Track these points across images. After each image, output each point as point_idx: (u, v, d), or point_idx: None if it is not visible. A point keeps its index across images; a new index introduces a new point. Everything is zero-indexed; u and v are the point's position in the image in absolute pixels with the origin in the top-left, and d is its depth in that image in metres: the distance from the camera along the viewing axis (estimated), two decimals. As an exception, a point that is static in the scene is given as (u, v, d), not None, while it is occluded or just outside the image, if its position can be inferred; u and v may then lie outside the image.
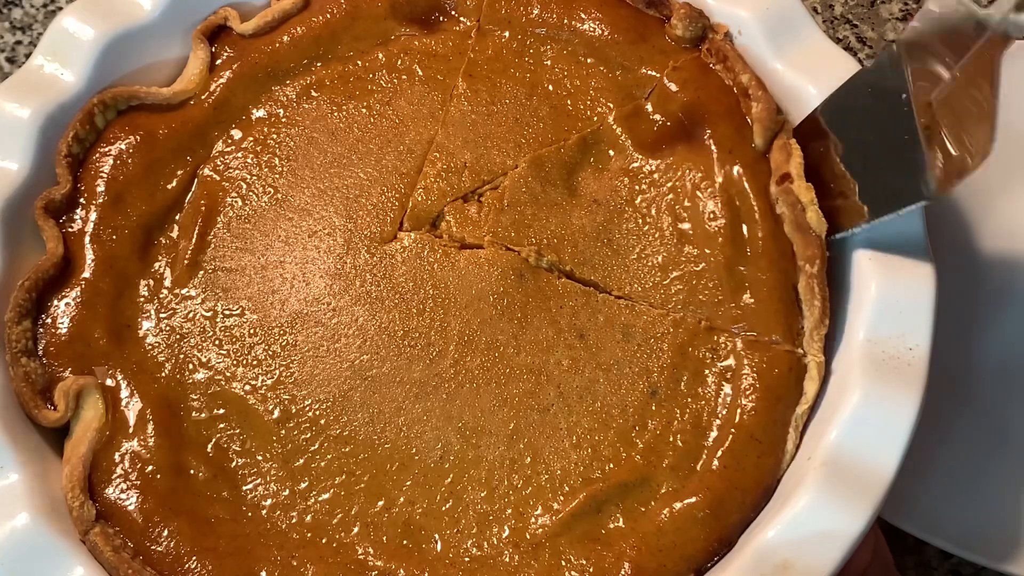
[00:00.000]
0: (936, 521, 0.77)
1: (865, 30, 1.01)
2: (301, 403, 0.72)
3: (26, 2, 1.02)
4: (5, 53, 1.00)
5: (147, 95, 0.79)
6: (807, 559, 0.63)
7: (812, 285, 0.72)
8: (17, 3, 1.02)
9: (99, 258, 0.74)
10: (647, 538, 0.66)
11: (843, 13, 1.02)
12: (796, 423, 0.70)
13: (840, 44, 0.99)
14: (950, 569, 0.84)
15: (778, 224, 0.74)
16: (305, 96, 0.82)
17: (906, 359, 0.67)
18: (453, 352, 0.73)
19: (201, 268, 0.76)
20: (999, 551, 0.77)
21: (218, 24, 0.83)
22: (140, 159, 0.77)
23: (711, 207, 0.76)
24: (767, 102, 0.76)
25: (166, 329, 0.74)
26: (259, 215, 0.78)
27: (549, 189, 0.78)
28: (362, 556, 0.67)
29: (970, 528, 0.78)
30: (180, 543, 0.66)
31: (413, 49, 0.83)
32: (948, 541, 0.77)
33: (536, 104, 0.80)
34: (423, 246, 0.76)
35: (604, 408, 0.71)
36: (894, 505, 0.75)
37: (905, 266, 0.70)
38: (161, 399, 0.71)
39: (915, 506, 0.78)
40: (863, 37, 1.01)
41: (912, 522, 0.77)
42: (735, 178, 0.76)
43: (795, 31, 0.78)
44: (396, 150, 0.80)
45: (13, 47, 1.00)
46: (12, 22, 1.01)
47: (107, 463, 0.68)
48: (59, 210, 0.75)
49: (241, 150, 0.80)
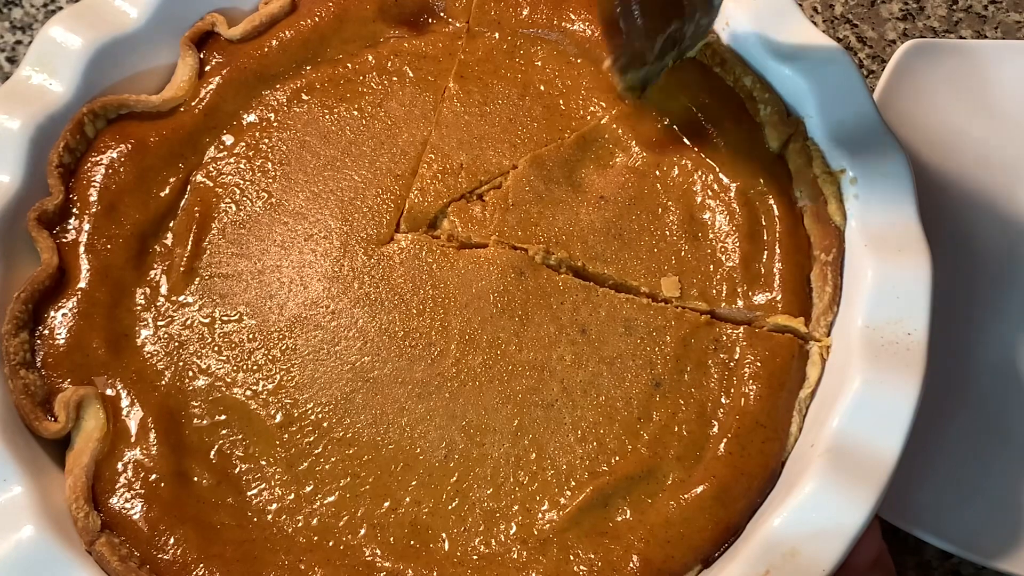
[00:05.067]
0: (936, 521, 0.77)
1: (865, 30, 1.02)
2: (303, 407, 0.72)
3: (26, 2, 1.02)
4: (5, 53, 0.99)
5: (137, 103, 0.79)
6: (814, 546, 0.63)
7: (826, 272, 0.73)
8: (17, 3, 1.02)
9: (94, 268, 0.74)
10: (655, 530, 0.67)
11: (843, 13, 1.03)
12: (800, 407, 0.71)
13: (840, 44, 1.00)
14: (950, 569, 0.84)
15: (797, 219, 0.76)
16: (296, 100, 0.82)
17: (905, 344, 0.68)
18: (455, 351, 0.73)
19: (197, 275, 0.76)
20: (998, 550, 0.77)
21: (206, 30, 0.83)
22: (132, 167, 0.77)
23: (728, 206, 0.77)
24: (776, 105, 0.77)
25: (164, 337, 0.74)
26: (254, 220, 0.78)
27: (553, 187, 0.78)
28: (370, 558, 0.67)
29: (970, 528, 0.77)
30: (187, 551, 0.66)
31: (403, 51, 0.83)
32: (948, 541, 0.77)
33: (529, 104, 0.81)
34: (421, 247, 0.76)
35: (608, 401, 0.71)
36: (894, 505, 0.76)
37: (901, 253, 0.70)
38: (162, 407, 0.71)
39: (915, 506, 0.78)
40: (863, 37, 1.02)
41: (912, 522, 0.77)
42: (752, 181, 0.77)
43: (784, 22, 0.79)
44: (389, 152, 0.80)
45: (13, 47, 1.00)
46: (12, 22, 1.01)
47: (110, 473, 0.68)
48: (52, 221, 0.74)
49: (233, 155, 0.80)
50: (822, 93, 0.77)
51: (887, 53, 1.01)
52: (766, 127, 0.78)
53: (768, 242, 0.76)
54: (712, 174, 0.78)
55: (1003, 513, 0.79)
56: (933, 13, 1.03)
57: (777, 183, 0.77)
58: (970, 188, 0.89)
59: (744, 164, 0.78)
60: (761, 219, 0.76)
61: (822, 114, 0.76)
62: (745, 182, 0.77)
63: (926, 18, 1.03)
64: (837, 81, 0.76)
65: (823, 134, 0.76)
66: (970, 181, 0.88)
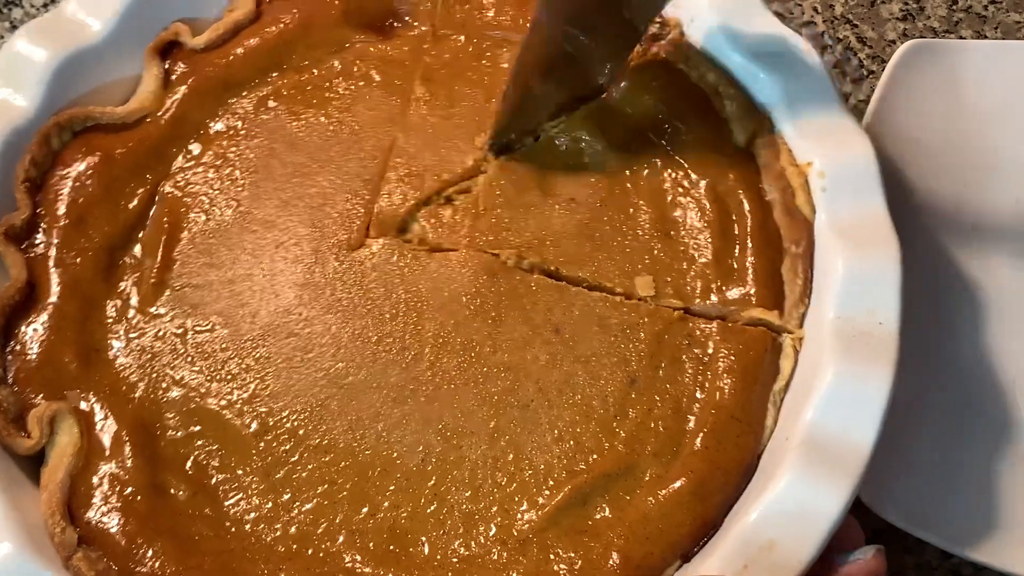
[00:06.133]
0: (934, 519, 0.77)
1: (865, 30, 1.02)
2: (278, 415, 0.71)
3: (26, 2, 1.01)
4: (5, 53, 0.99)
5: (102, 115, 0.78)
6: (792, 537, 0.63)
7: (796, 265, 0.73)
8: (17, 3, 1.01)
9: (64, 282, 0.73)
10: (633, 526, 0.67)
11: (843, 13, 1.03)
12: (774, 400, 0.71)
13: (840, 44, 1.01)
14: (950, 569, 0.84)
15: (767, 212, 0.76)
16: (262, 107, 0.81)
17: (876, 334, 0.68)
18: (429, 355, 0.73)
19: (168, 286, 0.75)
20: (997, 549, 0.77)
21: (170, 40, 0.82)
22: (99, 180, 0.76)
23: (698, 203, 0.77)
24: (741, 99, 0.78)
25: (136, 349, 0.73)
26: (223, 229, 0.77)
27: (523, 191, 0.78)
28: (349, 564, 0.67)
29: (968, 526, 0.77)
30: (165, 563, 0.65)
31: (369, 55, 0.83)
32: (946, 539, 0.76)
33: (495, 106, 0.81)
34: (392, 251, 0.76)
35: (584, 400, 0.71)
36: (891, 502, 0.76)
37: (870, 244, 0.71)
38: (136, 420, 0.70)
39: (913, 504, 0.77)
40: (863, 37, 1.02)
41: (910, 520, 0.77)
42: (721, 177, 0.77)
43: (747, 16, 0.79)
44: (357, 156, 0.80)
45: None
46: (12, 22, 1.00)
47: (85, 487, 0.67)
48: (20, 236, 0.74)
49: (201, 165, 0.79)
50: (787, 86, 0.77)
51: (887, 53, 1.01)
52: (732, 122, 0.79)
53: (740, 237, 0.76)
54: (681, 171, 0.78)
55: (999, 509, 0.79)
56: (933, 13, 1.04)
57: (746, 177, 0.78)
58: (970, 188, 0.89)
59: (712, 160, 0.78)
60: (732, 214, 0.77)
61: (788, 107, 0.77)
62: (714, 178, 0.78)
63: (926, 18, 1.03)
64: (801, 73, 0.77)
65: (789, 127, 0.76)
66: (970, 181, 0.89)
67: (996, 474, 0.80)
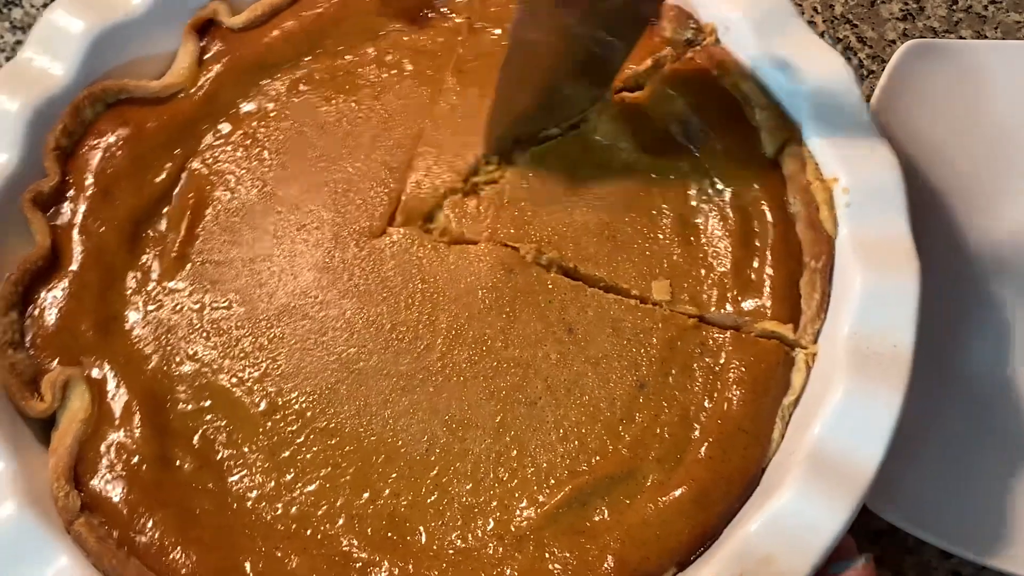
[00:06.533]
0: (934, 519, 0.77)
1: (865, 30, 1.01)
2: (288, 395, 0.72)
3: (26, 2, 1.02)
4: (5, 53, 0.99)
5: (136, 88, 0.79)
6: (790, 553, 0.63)
7: (815, 280, 0.73)
8: (17, 3, 1.02)
9: (87, 251, 0.74)
10: (631, 530, 0.66)
11: (843, 13, 1.02)
12: (783, 413, 0.70)
13: (840, 44, 1.01)
14: (950, 569, 0.83)
15: (789, 225, 0.76)
16: (294, 90, 0.82)
17: (890, 356, 0.67)
18: (441, 346, 0.73)
19: (189, 261, 0.76)
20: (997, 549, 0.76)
21: (208, 18, 0.83)
22: (129, 152, 0.77)
23: (721, 211, 0.77)
24: (772, 110, 0.77)
25: (153, 321, 0.74)
26: (247, 209, 0.78)
27: (550, 186, 0.78)
28: (347, 548, 0.67)
29: (967, 526, 0.77)
30: (165, 534, 0.66)
31: (402, 45, 0.83)
32: (946, 539, 0.76)
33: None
34: (412, 241, 0.76)
35: (592, 401, 0.71)
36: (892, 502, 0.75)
37: (890, 265, 0.70)
38: (147, 391, 0.71)
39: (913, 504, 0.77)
40: (863, 37, 1.01)
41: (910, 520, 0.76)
42: (746, 186, 0.77)
43: (783, 28, 0.79)
44: (385, 144, 0.80)
45: (13, 47, 1.00)
46: (12, 22, 1.01)
47: (93, 454, 0.68)
48: (47, 203, 0.75)
49: (230, 144, 0.80)
50: (819, 100, 0.76)
51: (887, 53, 1.00)
52: (762, 132, 0.78)
53: (760, 248, 0.76)
54: (707, 178, 0.78)
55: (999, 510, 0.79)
56: (933, 13, 1.03)
57: (771, 189, 0.77)
58: (970, 188, 0.88)
59: (739, 169, 0.78)
60: (754, 224, 0.76)
61: (818, 121, 0.76)
62: (740, 187, 0.77)
63: (926, 18, 1.02)
64: (834, 88, 0.76)
65: (818, 141, 0.76)
66: (970, 181, 0.88)
67: (996, 475, 0.80)
